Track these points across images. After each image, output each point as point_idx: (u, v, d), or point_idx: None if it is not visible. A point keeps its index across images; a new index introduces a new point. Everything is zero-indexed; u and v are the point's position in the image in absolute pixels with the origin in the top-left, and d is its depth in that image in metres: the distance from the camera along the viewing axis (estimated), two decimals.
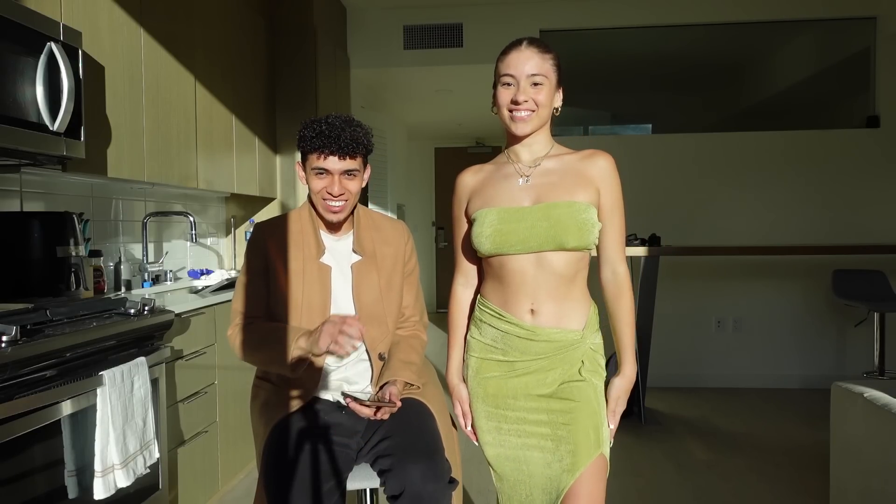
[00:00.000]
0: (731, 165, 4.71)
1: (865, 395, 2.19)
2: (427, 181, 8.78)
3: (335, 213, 1.71)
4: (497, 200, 1.56)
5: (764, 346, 4.73)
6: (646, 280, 3.84)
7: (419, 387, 1.80)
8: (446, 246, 8.77)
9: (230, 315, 1.80)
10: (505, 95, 1.53)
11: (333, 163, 1.66)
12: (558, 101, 1.57)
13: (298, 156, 1.77)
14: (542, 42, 1.54)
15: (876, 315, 4.08)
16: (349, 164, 1.68)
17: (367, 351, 1.76)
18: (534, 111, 1.51)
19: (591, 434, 1.49)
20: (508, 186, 1.57)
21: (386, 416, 1.64)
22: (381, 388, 1.73)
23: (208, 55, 3.20)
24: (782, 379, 4.70)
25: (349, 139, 1.66)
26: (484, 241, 1.52)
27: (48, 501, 1.72)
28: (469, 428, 1.66)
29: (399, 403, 1.65)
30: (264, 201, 4.12)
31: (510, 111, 1.52)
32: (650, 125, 5.21)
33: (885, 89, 4.64)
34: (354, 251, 1.79)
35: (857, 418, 2.24)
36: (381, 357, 1.77)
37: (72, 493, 1.80)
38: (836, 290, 4.17)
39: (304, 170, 1.73)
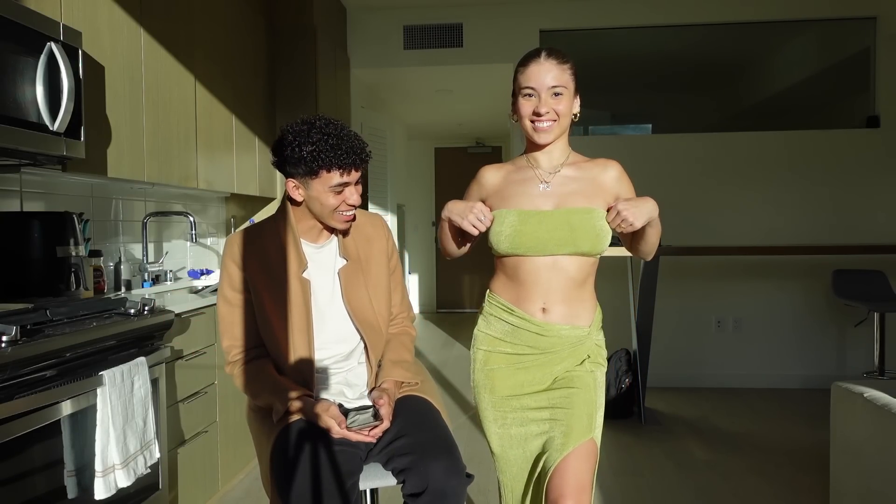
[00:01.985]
0: (732, 165, 4.71)
1: (865, 395, 2.19)
2: (427, 181, 8.78)
3: (350, 221, 1.69)
4: (516, 202, 1.62)
5: (764, 346, 4.73)
6: (646, 280, 3.84)
7: (417, 383, 1.80)
8: None
9: (222, 348, 1.74)
10: (527, 107, 1.58)
11: (353, 175, 1.62)
12: (576, 107, 1.63)
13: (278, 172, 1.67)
14: (560, 52, 1.59)
15: (876, 315, 4.08)
16: (361, 171, 1.66)
17: (365, 354, 1.76)
18: (555, 121, 1.57)
19: (585, 419, 1.55)
20: (528, 190, 1.63)
21: (379, 433, 1.62)
22: (371, 391, 1.73)
23: (208, 55, 3.20)
24: (782, 379, 4.70)
25: (361, 147, 1.62)
26: (502, 240, 1.59)
27: (48, 501, 1.72)
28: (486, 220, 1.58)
29: (387, 424, 1.62)
30: (264, 201, 4.12)
31: (532, 122, 1.58)
32: (650, 125, 5.20)
33: (885, 89, 4.64)
34: (340, 255, 1.75)
35: (857, 418, 2.24)
36: (379, 364, 1.78)
37: (72, 493, 1.80)
38: (836, 290, 4.17)
39: (311, 188, 1.61)
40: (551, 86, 1.55)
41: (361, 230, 1.79)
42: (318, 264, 1.73)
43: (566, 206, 1.58)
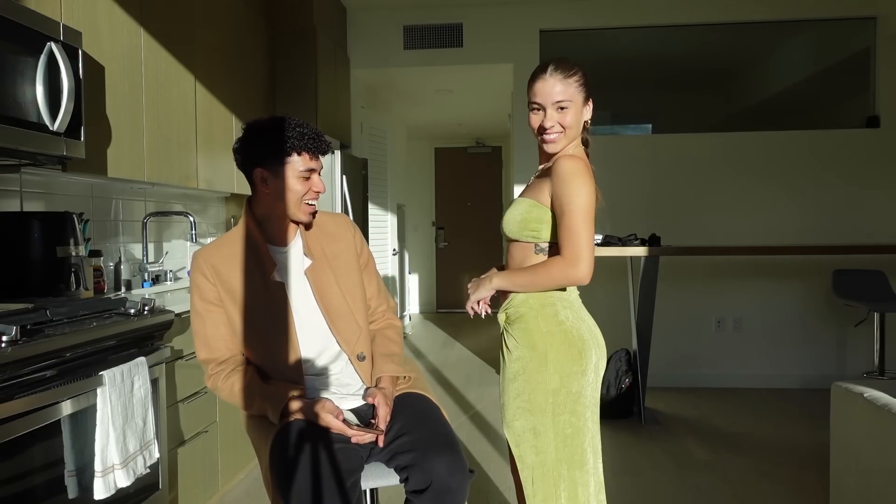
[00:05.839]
0: (732, 165, 4.71)
1: (865, 395, 2.19)
2: (427, 181, 8.78)
3: (314, 212, 1.75)
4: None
5: (764, 346, 4.73)
6: (646, 280, 3.84)
7: (411, 378, 1.79)
8: (446, 246, 8.77)
9: (199, 362, 1.72)
10: (534, 121, 1.67)
11: (318, 162, 1.72)
12: (587, 114, 1.68)
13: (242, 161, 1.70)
14: (567, 63, 1.63)
15: (876, 315, 4.08)
16: (321, 161, 1.77)
17: (343, 352, 1.75)
18: (562, 132, 1.63)
19: None
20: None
21: (376, 437, 1.62)
22: (367, 390, 1.73)
23: (208, 55, 3.20)
24: (782, 379, 4.70)
25: (323, 136, 1.73)
26: None
27: (48, 501, 1.72)
28: None
29: (383, 429, 1.62)
30: None
31: (540, 135, 1.67)
32: (650, 125, 5.20)
33: (885, 89, 4.64)
34: (305, 255, 1.75)
35: (857, 418, 2.24)
36: (360, 357, 1.75)
37: (72, 493, 1.80)
38: (836, 290, 4.17)
39: (279, 174, 1.66)
40: (556, 101, 1.61)
41: (324, 229, 1.81)
42: (285, 266, 1.74)
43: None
